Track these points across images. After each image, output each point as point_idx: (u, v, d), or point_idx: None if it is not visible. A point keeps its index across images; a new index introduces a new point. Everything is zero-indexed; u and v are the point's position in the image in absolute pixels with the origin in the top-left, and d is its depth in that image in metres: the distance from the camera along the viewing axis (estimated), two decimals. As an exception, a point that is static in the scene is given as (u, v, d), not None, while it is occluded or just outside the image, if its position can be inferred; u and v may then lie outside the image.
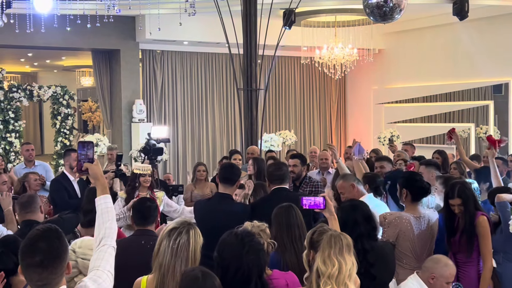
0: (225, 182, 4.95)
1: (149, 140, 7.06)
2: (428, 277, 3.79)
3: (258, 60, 9.37)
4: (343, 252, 2.95)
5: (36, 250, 2.36)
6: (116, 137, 13.99)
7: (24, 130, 13.81)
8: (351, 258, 2.98)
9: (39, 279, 2.37)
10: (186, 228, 3.13)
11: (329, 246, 2.97)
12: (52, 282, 2.39)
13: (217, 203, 4.95)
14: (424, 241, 4.53)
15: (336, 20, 12.30)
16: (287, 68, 16.39)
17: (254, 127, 9.43)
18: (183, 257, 3.05)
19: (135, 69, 13.87)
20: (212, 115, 15.16)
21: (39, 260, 2.34)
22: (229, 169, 5.06)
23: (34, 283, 2.39)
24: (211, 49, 14.64)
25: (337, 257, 2.93)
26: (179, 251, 3.06)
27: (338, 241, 2.98)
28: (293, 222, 3.90)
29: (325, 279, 2.90)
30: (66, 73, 21.46)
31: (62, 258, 2.40)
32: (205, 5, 9.77)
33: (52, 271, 2.37)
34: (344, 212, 3.80)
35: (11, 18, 7.58)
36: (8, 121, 13.11)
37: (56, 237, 2.43)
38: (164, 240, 3.11)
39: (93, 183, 2.96)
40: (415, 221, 4.53)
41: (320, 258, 2.96)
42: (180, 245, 3.07)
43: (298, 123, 16.54)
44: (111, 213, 2.85)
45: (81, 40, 12.27)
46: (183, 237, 3.09)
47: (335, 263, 2.91)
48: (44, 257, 2.35)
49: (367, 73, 15.71)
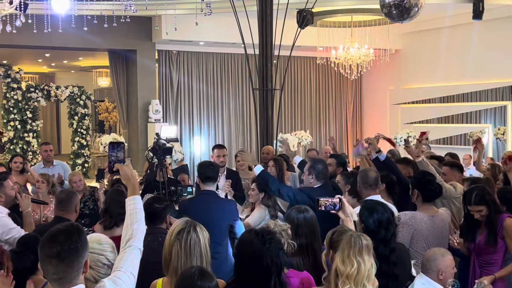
0: (207, 180, 5.08)
1: (158, 139, 7.05)
2: (437, 275, 3.77)
3: (273, 60, 9.36)
4: (362, 252, 2.95)
5: (55, 241, 2.37)
6: (132, 137, 14.08)
7: (41, 130, 13.96)
8: (370, 259, 2.97)
9: (55, 271, 2.36)
10: (192, 226, 3.15)
11: (348, 246, 2.97)
12: (68, 276, 2.38)
13: (204, 201, 5.02)
14: (438, 239, 4.50)
15: (352, 20, 12.26)
16: (303, 68, 16.38)
17: (269, 127, 9.42)
18: (197, 254, 3.07)
19: (151, 69, 13.95)
20: (227, 115, 15.20)
21: (56, 251, 2.34)
22: (209, 168, 5.17)
23: (50, 276, 2.39)
24: (227, 50, 14.68)
25: (356, 257, 2.92)
26: (192, 249, 3.07)
27: (357, 241, 2.98)
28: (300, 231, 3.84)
29: (344, 278, 2.90)
30: (83, 74, 21.63)
31: (79, 253, 2.40)
32: (221, 5, 9.80)
33: (68, 265, 2.36)
34: (379, 213, 3.75)
35: (29, 19, 7.65)
36: (26, 121, 13.26)
37: (77, 232, 2.44)
38: (174, 244, 3.10)
39: (124, 183, 2.93)
40: (430, 220, 4.52)
41: (340, 258, 2.96)
42: (192, 244, 3.08)
43: (314, 123, 16.51)
44: (139, 215, 2.84)
45: (98, 41, 12.36)
46: (192, 235, 3.10)
47: (354, 263, 2.90)
48: (61, 248, 2.35)
49: (383, 73, 15.64)
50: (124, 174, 2.87)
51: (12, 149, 13.09)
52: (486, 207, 4.46)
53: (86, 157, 14.33)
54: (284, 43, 9.29)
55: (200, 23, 8.33)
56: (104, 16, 7.09)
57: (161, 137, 7.30)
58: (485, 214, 4.47)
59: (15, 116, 13.12)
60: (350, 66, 12.53)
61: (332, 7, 11.61)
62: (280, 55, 9.68)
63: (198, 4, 7.88)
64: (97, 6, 7.08)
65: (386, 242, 3.63)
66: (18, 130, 13.18)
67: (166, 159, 7.24)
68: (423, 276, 3.80)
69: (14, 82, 13.13)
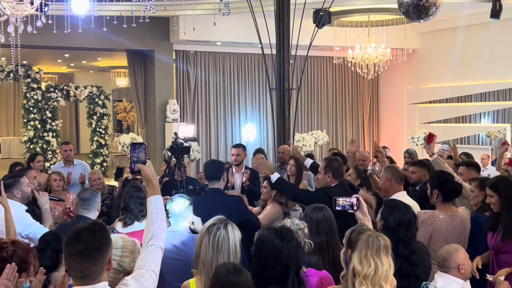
0: (212, 179, 5.18)
1: (176, 139, 7.11)
2: (458, 270, 3.76)
3: (290, 60, 9.39)
4: (380, 253, 2.94)
5: (79, 239, 2.41)
6: (150, 136, 14.19)
7: (60, 130, 14.11)
8: (388, 259, 2.96)
9: (79, 269, 2.40)
10: (223, 223, 3.19)
11: (366, 246, 2.96)
12: (92, 274, 2.42)
13: (212, 198, 5.08)
14: (458, 239, 4.48)
15: (369, 20, 12.23)
16: (320, 68, 16.38)
17: (286, 127, 9.45)
18: (225, 250, 3.11)
19: (169, 69, 14.05)
20: (244, 114, 15.25)
21: (80, 249, 2.38)
22: (213, 166, 5.28)
23: (74, 273, 2.43)
24: (244, 49, 14.73)
25: (374, 258, 2.92)
26: (220, 246, 3.11)
27: (375, 242, 2.97)
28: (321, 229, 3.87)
29: (361, 278, 2.90)
30: (102, 74, 21.81)
31: (103, 251, 2.44)
32: (238, 5, 9.85)
33: (92, 262, 2.40)
34: (400, 212, 3.75)
35: (50, 19, 7.75)
36: (45, 121, 13.42)
37: (100, 230, 2.48)
38: (204, 238, 3.16)
39: (145, 183, 2.96)
40: (449, 220, 4.51)
41: (357, 257, 2.96)
42: (220, 240, 3.12)
43: (330, 123, 16.50)
44: (161, 214, 2.86)
45: (116, 41, 12.49)
46: (222, 231, 3.14)
47: (371, 264, 2.90)
48: (86, 246, 2.39)
49: (400, 73, 15.59)
50: (146, 175, 2.89)
51: (32, 148, 13.26)
52: (497, 196, 4.45)
53: (104, 156, 14.46)
54: (300, 42, 9.31)
55: (217, 23, 8.38)
56: (123, 17, 7.17)
57: (179, 136, 7.38)
58: (496, 204, 4.45)
59: (35, 115, 13.28)
60: (367, 65, 12.50)
61: (349, 7, 11.60)
62: (297, 55, 9.71)
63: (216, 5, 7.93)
64: (116, 7, 7.16)
65: (406, 242, 3.62)
66: (38, 129, 13.34)
67: (184, 158, 7.32)
68: (444, 274, 3.78)
69: (34, 82, 13.30)
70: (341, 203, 3.75)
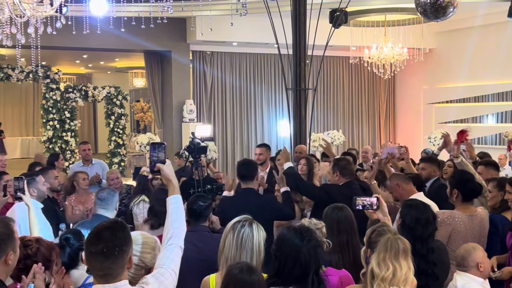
0: (245, 179, 5.19)
1: (193, 139, 7.17)
2: (477, 268, 3.76)
3: (307, 60, 9.41)
4: (398, 257, 2.93)
5: (100, 238, 2.44)
6: (167, 136, 14.29)
7: (79, 130, 14.26)
8: (407, 262, 2.94)
9: (101, 268, 2.43)
10: (248, 221, 3.22)
11: (384, 249, 2.95)
12: (113, 273, 2.45)
13: (245, 198, 5.10)
14: (476, 239, 4.46)
15: (386, 20, 12.20)
16: (336, 68, 16.36)
17: (302, 127, 9.47)
18: (248, 248, 3.13)
19: (185, 70, 14.13)
20: (260, 114, 15.29)
21: (101, 248, 2.41)
22: (246, 166, 5.28)
23: (96, 272, 2.47)
24: (260, 50, 14.77)
25: (392, 261, 2.91)
26: (244, 243, 3.13)
27: (394, 245, 2.96)
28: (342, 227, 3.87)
29: (379, 281, 2.89)
30: (119, 74, 21.98)
31: (124, 250, 2.46)
32: (254, 5, 9.88)
33: (113, 261, 2.43)
34: (418, 210, 3.74)
35: (69, 20, 7.85)
36: (64, 121, 13.57)
37: (121, 229, 2.51)
38: (228, 234, 3.19)
39: (165, 183, 2.98)
40: (468, 220, 4.49)
41: (375, 260, 2.95)
42: (244, 237, 3.14)
43: (346, 123, 16.48)
44: (180, 214, 2.88)
45: (134, 42, 12.59)
46: (246, 229, 3.17)
47: (389, 267, 2.89)
48: (106, 245, 2.41)
49: (417, 72, 15.52)
50: (165, 174, 2.90)
51: (51, 148, 13.42)
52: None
53: (122, 156, 14.59)
54: (317, 43, 9.33)
55: (233, 23, 8.44)
56: (141, 18, 7.24)
57: (196, 136, 7.44)
58: None
59: (54, 116, 13.44)
60: (383, 65, 12.47)
61: (366, 7, 11.59)
62: (313, 55, 9.72)
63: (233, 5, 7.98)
64: (135, 8, 7.23)
65: (423, 241, 3.61)
66: (57, 129, 13.50)
67: (201, 158, 7.38)
68: (464, 274, 3.78)
69: (53, 82, 13.46)
70: (360, 203, 3.74)
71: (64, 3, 6.11)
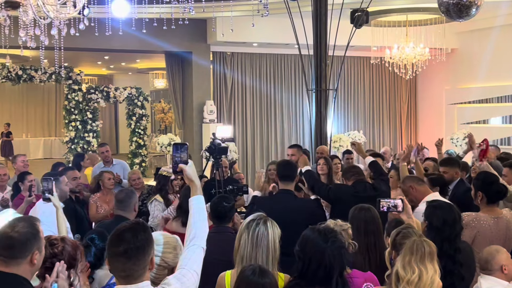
0: (285, 179, 5.14)
1: (214, 139, 7.18)
2: (501, 271, 3.71)
3: (327, 60, 9.37)
4: (424, 260, 2.90)
5: (122, 240, 2.45)
6: (188, 137, 14.34)
7: (100, 130, 14.38)
8: (433, 265, 2.92)
9: (122, 269, 2.45)
10: (263, 219, 3.23)
11: (410, 252, 2.94)
12: (135, 274, 2.45)
13: (281, 199, 5.07)
14: (502, 242, 4.38)
15: (408, 19, 12.12)
16: (356, 68, 16.29)
17: (323, 128, 9.44)
18: (264, 246, 3.14)
19: (206, 71, 14.18)
20: (280, 115, 15.27)
21: (123, 249, 2.42)
22: (286, 167, 5.24)
23: (117, 273, 2.48)
24: (280, 50, 14.76)
25: (418, 264, 2.89)
26: (259, 241, 3.14)
27: (420, 248, 2.94)
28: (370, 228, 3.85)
29: (404, 284, 2.87)
30: (140, 75, 22.12)
31: (145, 251, 2.47)
32: (275, 6, 9.88)
33: (135, 262, 2.44)
34: (444, 211, 3.72)
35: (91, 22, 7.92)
36: (86, 121, 13.69)
37: (142, 230, 2.51)
38: (243, 233, 3.20)
39: (187, 183, 2.98)
40: (493, 222, 4.43)
41: (400, 262, 2.93)
42: (259, 235, 3.15)
43: (367, 123, 16.39)
44: (203, 214, 2.88)
45: (155, 43, 12.66)
46: (261, 227, 3.18)
47: (415, 270, 2.87)
48: (128, 247, 2.42)
49: (439, 73, 15.38)
50: (188, 175, 2.89)
51: (73, 148, 13.55)
52: None
53: (143, 156, 14.68)
54: (338, 43, 9.29)
55: (254, 24, 8.44)
56: (163, 19, 7.28)
57: (217, 136, 7.45)
58: None
59: (76, 116, 13.57)
60: (405, 65, 12.39)
61: (387, 7, 11.52)
62: (334, 55, 9.68)
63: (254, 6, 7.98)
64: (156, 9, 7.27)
65: (451, 241, 3.58)
66: (79, 130, 13.62)
67: (222, 159, 7.39)
68: (488, 277, 3.74)
69: (75, 83, 13.59)
70: (385, 204, 3.72)
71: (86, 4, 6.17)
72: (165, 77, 17.79)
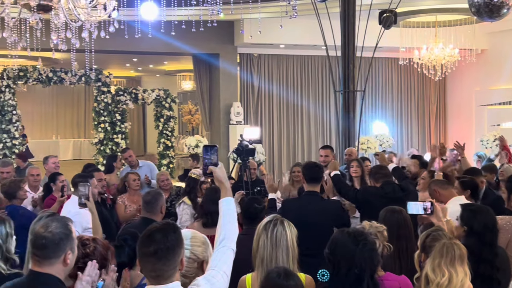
0: (312, 181, 5.14)
1: (241, 141, 7.20)
2: None
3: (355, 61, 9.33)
4: (454, 263, 2.87)
5: (152, 240, 2.48)
6: (215, 138, 14.40)
7: (129, 132, 14.50)
8: (463, 269, 2.89)
9: (153, 269, 2.47)
10: (279, 220, 3.24)
11: (440, 255, 2.91)
12: (165, 274, 2.47)
13: (307, 201, 5.08)
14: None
15: (437, 20, 11.99)
16: (384, 69, 16.16)
17: (351, 129, 9.40)
18: (283, 246, 3.15)
19: (233, 72, 14.22)
20: (307, 117, 15.23)
21: (153, 250, 2.45)
22: (314, 169, 5.24)
23: (148, 273, 2.51)
24: (307, 52, 14.72)
25: (448, 267, 2.86)
26: (279, 241, 3.15)
27: (450, 251, 2.91)
28: (402, 232, 3.80)
29: (434, 287, 2.85)
30: (168, 77, 22.27)
31: (175, 252, 2.50)
32: (302, 7, 9.87)
33: (165, 263, 2.46)
34: (483, 215, 3.66)
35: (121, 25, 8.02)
36: (115, 123, 13.82)
37: (173, 230, 2.54)
38: (261, 235, 3.20)
39: (217, 185, 3.00)
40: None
41: (430, 265, 2.91)
42: (278, 236, 3.16)
43: (395, 125, 16.25)
44: (233, 216, 2.89)
45: (183, 46, 12.74)
46: (279, 228, 3.19)
47: (445, 273, 2.84)
48: (158, 247, 2.45)
49: (469, 74, 15.18)
50: (218, 177, 2.91)
51: (102, 150, 13.70)
52: None
53: (171, 158, 14.77)
54: (365, 44, 9.24)
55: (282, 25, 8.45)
56: (191, 21, 7.32)
57: (244, 138, 7.47)
58: None
59: (105, 118, 13.71)
60: (434, 66, 12.26)
61: (416, 7, 11.41)
62: (362, 56, 9.64)
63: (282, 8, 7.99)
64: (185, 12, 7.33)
65: (491, 246, 3.53)
66: (108, 131, 13.75)
67: (249, 160, 7.41)
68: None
69: (104, 86, 13.73)
70: (414, 207, 3.68)
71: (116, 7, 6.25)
72: (193, 79, 17.89)
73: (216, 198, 4.86)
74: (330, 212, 5.00)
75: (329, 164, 6.21)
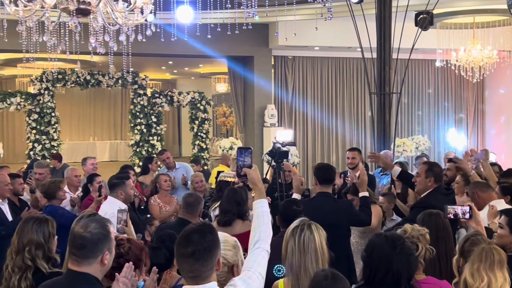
0: (325, 182, 5.17)
1: (275, 143, 7.22)
2: None
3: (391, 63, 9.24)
4: (493, 268, 2.83)
5: (190, 241, 2.50)
6: (249, 140, 14.44)
7: (164, 134, 14.66)
8: (503, 274, 2.84)
9: (190, 270, 2.49)
10: (306, 224, 3.22)
11: (479, 260, 2.87)
12: (202, 275, 2.49)
13: (321, 202, 5.07)
14: None
15: (475, 21, 11.79)
16: (421, 71, 15.95)
17: (387, 132, 9.31)
18: (312, 251, 3.13)
19: (267, 75, 14.23)
20: (341, 119, 15.14)
21: (191, 251, 2.47)
22: (327, 170, 5.26)
23: (185, 273, 2.53)
24: (342, 54, 14.64)
25: (487, 272, 2.81)
26: (306, 247, 3.13)
27: (489, 256, 2.86)
28: (441, 235, 3.73)
29: None
30: (202, 80, 22.41)
31: (213, 252, 2.51)
32: (337, 9, 9.82)
33: (202, 264, 2.48)
34: None
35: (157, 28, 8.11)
36: (150, 125, 13.99)
37: (210, 231, 2.56)
38: (289, 240, 3.19)
39: (251, 187, 3.01)
40: None
41: (469, 270, 2.87)
42: (306, 241, 3.14)
43: (432, 127, 16.02)
44: (266, 218, 2.89)
45: (217, 48, 12.81)
46: (306, 232, 3.17)
47: (484, 278, 2.80)
48: (196, 248, 2.47)
49: (508, 75, 14.86)
50: (252, 179, 2.93)
51: (138, 151, 13.88)
52: None
53: (205, 160, 14.87)
54: (401, 46, 9.15)
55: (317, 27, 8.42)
56: (227, 24, 7.37)
57: (278, 140, 7.48)
58: None
59: (141, 120, 13.89)
60: (471, 68, 12.06)
61: (454, 8, 11.24)
62: (398, 58, 9.54)
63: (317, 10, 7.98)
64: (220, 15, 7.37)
65: None
66: (144, 133, 13.93)
67: (283, 162, 7.41)
68: None
69: (141, 88, 13.92)
70: (452, 211, 3.63)
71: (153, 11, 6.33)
72: (227, 81, 17.96)
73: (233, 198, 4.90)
74: (344, 213, 5.02)
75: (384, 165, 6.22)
